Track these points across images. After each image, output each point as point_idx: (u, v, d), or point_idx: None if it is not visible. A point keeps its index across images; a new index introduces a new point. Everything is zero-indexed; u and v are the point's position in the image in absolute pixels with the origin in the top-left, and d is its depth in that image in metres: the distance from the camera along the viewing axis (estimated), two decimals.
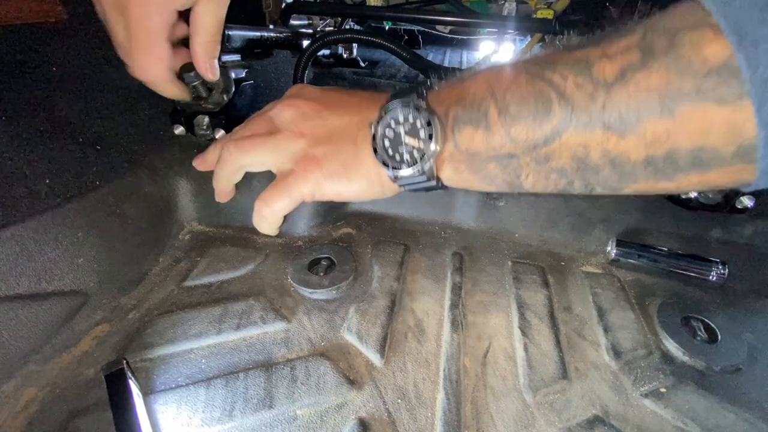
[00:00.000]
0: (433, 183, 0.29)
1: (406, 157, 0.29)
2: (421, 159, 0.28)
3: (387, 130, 0.29)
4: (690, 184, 0.23)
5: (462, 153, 0.27)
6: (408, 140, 0.28)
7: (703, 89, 0.19)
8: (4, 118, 0.38)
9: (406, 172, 0.28)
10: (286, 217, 0.37)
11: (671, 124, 0.20)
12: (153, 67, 0.39)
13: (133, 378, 0.34)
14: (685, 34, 0.20)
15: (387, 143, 0.29)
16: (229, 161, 0.36)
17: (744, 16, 0.18)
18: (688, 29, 0.20)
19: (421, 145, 0.28)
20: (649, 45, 0.21)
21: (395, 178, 0.30)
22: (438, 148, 0.27)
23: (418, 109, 0.28)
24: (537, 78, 0.24)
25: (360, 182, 0.32)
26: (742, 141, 0.19)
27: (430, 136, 0.27)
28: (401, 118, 0.29)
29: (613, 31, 0.23)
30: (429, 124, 0.27)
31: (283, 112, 0.35)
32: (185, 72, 0.58)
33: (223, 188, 0.41)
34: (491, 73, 0.27)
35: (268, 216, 0.35)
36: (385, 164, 0.29)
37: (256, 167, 0.36)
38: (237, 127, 0.40)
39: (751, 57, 0.18)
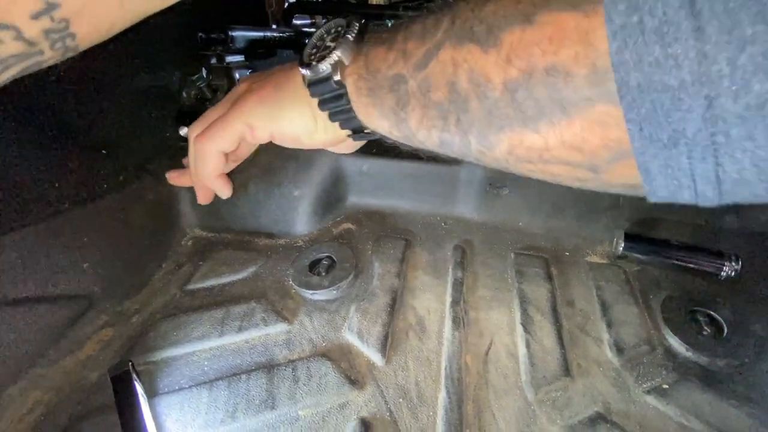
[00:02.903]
0: (342, 91, 0.29)
1: (321, 55, 0.29)
2: (333, 52, 0.28)
3: (318, 41, 0.31)
4: (560, 144, 0.21)
5: (367, 69, 0.28)
6: (329, 42, 0.30)
7: None
8: (12, 124, 0.39)
9: (317, 68, 0.29)
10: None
11: (529, 32, 0.20)
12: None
13: (138, 380, 0.34)
14: None
15: (313, 50, 0.31)
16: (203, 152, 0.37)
17: None
18: None
19: (336, 45, 0.29)
20: None
21: (308, 83, 0.30)
22: (351, 46, 0.28)
23: (348, 22, 0.30)
24: (445, 7, 0.25)
25: (291, 108, 0.33)
26: (594, 58, 0.18)
27: (346, 35, 0.29)
28: (333, 30, 0.30)
29: None
30: (349, 26, 0.29)
31: (240, 101, 0.35)
32: (189, 75, 0.59)
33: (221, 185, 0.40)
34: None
35: (208, 152, 0.35)
36: (301, 65, 0.30)
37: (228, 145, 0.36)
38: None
39: None
